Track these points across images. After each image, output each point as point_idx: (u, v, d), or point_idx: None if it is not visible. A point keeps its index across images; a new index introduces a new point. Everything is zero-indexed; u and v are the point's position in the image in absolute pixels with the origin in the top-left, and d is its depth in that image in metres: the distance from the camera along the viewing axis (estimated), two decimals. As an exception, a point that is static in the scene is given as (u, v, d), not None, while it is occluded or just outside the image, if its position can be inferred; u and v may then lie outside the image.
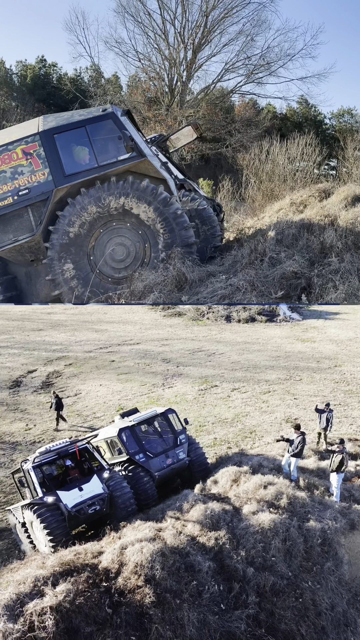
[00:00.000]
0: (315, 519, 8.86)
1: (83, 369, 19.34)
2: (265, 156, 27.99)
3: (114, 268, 13.55)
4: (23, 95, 40.88)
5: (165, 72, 36.19)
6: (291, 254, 12.33)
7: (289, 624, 7.53)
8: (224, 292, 11.68)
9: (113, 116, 13.71)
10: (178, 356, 20.98)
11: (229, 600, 7.43)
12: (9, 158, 13.25)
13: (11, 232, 13.45)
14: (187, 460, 10.88)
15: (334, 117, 45.43)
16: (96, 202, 13.47)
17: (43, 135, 13.34)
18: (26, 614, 6.31)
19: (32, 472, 9.46)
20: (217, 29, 35.11)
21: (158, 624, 6.74)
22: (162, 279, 12.37)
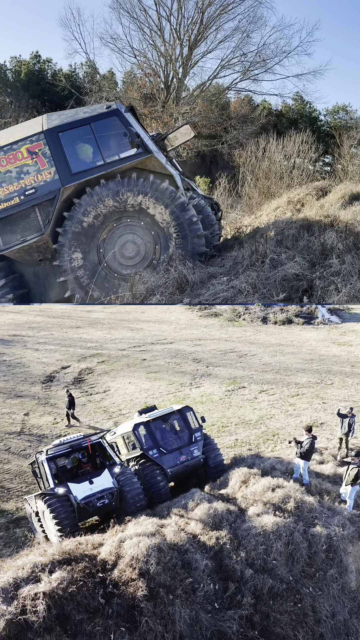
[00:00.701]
0: (322, 525, 8.70)
1: (114, 366, 19.74)
2: (261, 153, 27.67)
3: (121, 264, 13.60)
4: (17, 91, 40.60)
5: (161, 68, 36.09)
6: (292, 256, 12.17)
7: (285, 629, 7.44)
8: (226, 294, 11.66)
9: (118, 113, 13.72)
10: (209, 356, 21.00)
11: (223, 600, 7.44)
12: (14, 158, 13.37)
13: (19, 232, 13.58)
14: (201, 458, 10.91)
15: (329, 114, 44.61)
16: (114, 195, 13.53)
17: (48, 133, 13.38)
18: (20, 597, 6.60)
19: (45, 463, 9.81)
20: (213, 25, 34.86)
21: (148, 617, 6.85)
22: (163, 281, 12.46)
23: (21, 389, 17.43)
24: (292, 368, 19.53)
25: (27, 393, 17.12)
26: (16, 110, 35.00)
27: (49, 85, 42.07)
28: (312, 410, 15.70)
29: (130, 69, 39.27)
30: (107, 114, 13.69)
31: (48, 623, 6.46)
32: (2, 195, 13.41)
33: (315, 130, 37.24)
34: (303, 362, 20.24)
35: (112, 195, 13.62)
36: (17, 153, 13.40)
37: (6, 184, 13.45)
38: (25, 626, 6.38)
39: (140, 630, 6.76)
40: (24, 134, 13.62)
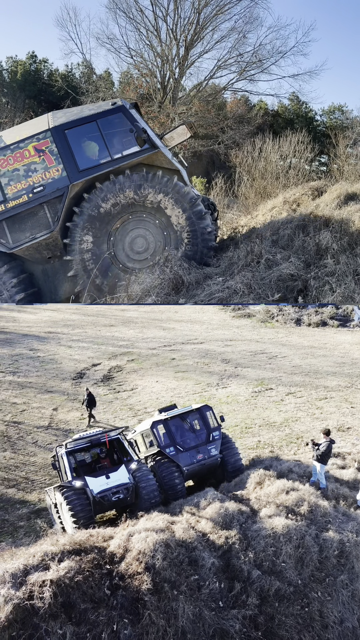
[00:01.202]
0: (335, 530, 8.58)
1: (144, 365, 20.00)
2: (257, 153, 27.30)
3: (128, 256, 13.66)
4: (13, 91, 40.74)
5: (157, 68, 35.91)
6: (287, 256, 12.01)
7: (290, 632, 7.40)
8: (221, 294, 11.61)
9: (123, 109, 13.80)
10: (238, 357, 20.95)
11: (228, 599, 7.47)
12: (21, 156, 13.54)
13: (28, 230, 13.75)
14: (218, 458, 10.94)
15: (325, 114, 44.06)
16: (136, 189, 13.63)
17: (54, 131, 13.53)
18: (28, 583, 6.86)
19: (65, 457, 10.11)
20: (209, 25, 34.60)
21: (151, 610, 6.98)
22: (159, 282, 12.50)
23: (52, 385, 17.95)
24: (322, 371, 19.22)
25: (57, 389, 17.62)
26: (12, 110, 35.43)
27: (46, 85, 42.39)
28: (340, 414, 15.42)
29: (126, 69, 39.49)
30: (113, 110, 13.80)
31: (53, 610, 6.69)
32: (11, 194, 13.63)
33: (311, 131, 37.00)
34: (334, 365, 19.89)
35: (134, 188, 13.73)
36: (24, 151, 13.56)
37: (14, 182, 13.63)
38: (31, 611, 6.63)
39: (143, 623, 6.89)
40: (31, 132, 13.81)
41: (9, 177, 13.71)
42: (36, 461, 13.09)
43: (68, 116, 14.18)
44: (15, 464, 12.99)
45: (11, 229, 13.77)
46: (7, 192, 13.72)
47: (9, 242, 13.82)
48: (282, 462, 10.92)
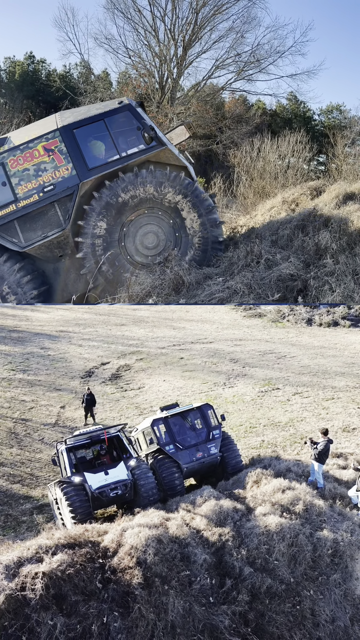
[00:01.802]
0: (329, 529, 8.58)
1: (152, 364, 20.14)
2: (256, 153, 27.16)
3: (137, 250, 13.78)
4: (11, 92, 40.85)
5: (155, 68, 35.90)
6: (287, 256, 11.98)
7: (281, 629, 7.43)
8: (222, 295, 11.64)
9: (130, 107, 13.96)
10: (247, 357, 20.95)
11: (219, 595, 7.54)
12: (30, 156, 13.76)
13: (39, 229, 13.95)
14: (218, 456, 11.00)
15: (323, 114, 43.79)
16: (157, 185, 13.78)
17: (63, 130, 13.73)
18: (21, 575, 7.03)
19: (65, 453, 10.29)
20: (207, 25, 34.48)
21: (142, 604, 7.08)
22: (159, 282, 12.56)
23: (61, 383, 18.21)
24: (330, 371, 19.11)
25: (65, 387, 17.87)
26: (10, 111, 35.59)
27: (44, 86, 42.57)
28: (346, 414, 15.33)
29: (124, 69, 39.60)
30: (120, 109, 13.99)
31: (45, 601, 6.85)
32: (22, 193, 13.85)
33: (309, 130, 36.90)
34: (343, 366, 19.75)
35: (155, 184, 13.88)
36: (34, 151, 13.78)
37: (24, 182, 13.85)
38: (23, 602, 6.80)
39: (133, 616, 7.00)
40: (39, 132, 14.04)
41: (20, 177, 13.94)
42: (42, 458, 13.32)
43: (76, 116, 14.39)
44: (21, 460, 13.24)
45: (23, 228, 14.00)
46: (18, 191, 13.95)
47: (21, 241, 14.05)
48: (281, 462, 10.94)
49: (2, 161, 13.92)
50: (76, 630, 6.76)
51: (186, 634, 7.02)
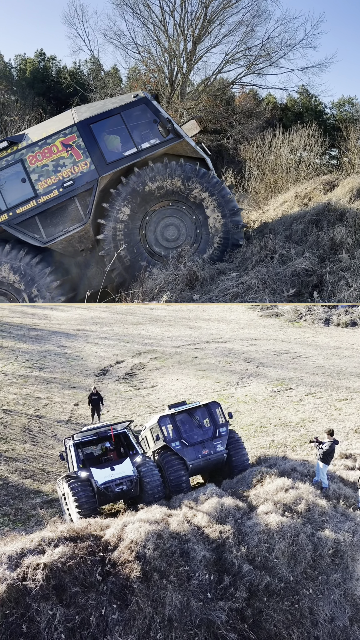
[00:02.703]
0: (331, 529, 8.57)
1: (166, 363, 20.28)
2: (267, 148, 26.78)
3: (157, 240, 13.85)
4: (22, 89, 41.02)
5: (165, 64, 35.68)
6: (301, 251, 11.88)
7: (278, 627, 7.47)
8: (236, 290, 11.63)
9: (146, 100, 14.00)
10: (262, 356, 20.90)
11: (217, 591, 7.62)
12: (49, 151, 13.89)
13: (60, 224, 14.08)
14: (224, 454, 11.05)
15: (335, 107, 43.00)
16: (184, 180, 13.84)
17: (80, 125, 13.80)
18: (23, 565, 7.25)
19: (72, 448, 10.51)
20: (216, 19, 34.20)
21: (139, 597, 7.22)
22: (173, 277, 12.61)
23: (75, 381, 18.50)
24: (346, 372, 18.93)
25: (80, 385, 18.15)
26: (22, 108, 35.92)
27: (54, 82, 42.70)
28: (359, 416, 15.19)
29: (134, 65, 39.64)
30: (136, 102, 14.04)
31: (45, 591, 7.05)
32: (42, 189, 14.03)
33: (321, 124, 36.26)
34: (359, 367, 19.53)
35: (183, 178, 13.95)
36: (52, 147, 13.92)
37: (44, 178, 14.01)
38: (24, 592, 7.01)
39: (130, 609, 7.15)
40: (57, 128, 14.17)
41: (39, 173, 14.15)
42: (53, 454, 13.59)
43: (92, 110, 14.53)
44: (34, 456, 13.54)
45: (44, 224, 14.21)
46: (38, 187, 14.17)
47: (42, 236, 14.26)
48: (287, 461, 10.94)
49: (21, 158, 14.12)
50: (75, 621, 6.94)
51: (183, 628, 7.12)
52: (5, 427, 15.06)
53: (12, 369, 19.49)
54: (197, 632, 7.17)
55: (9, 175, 14.14)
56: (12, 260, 13.86)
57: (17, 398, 16.95)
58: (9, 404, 16.55)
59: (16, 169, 14.09)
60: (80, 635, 6.86)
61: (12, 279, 13.95)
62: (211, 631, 7.22)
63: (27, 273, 13.92)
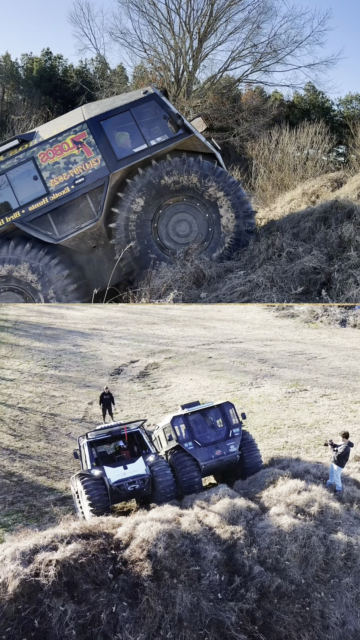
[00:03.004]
0: (344, 532, 8.51)
1: (180, 362, 20.31)
2: (274, 145, 26.48)
3: (168, 234, 13.89)
4: (29, 88, 41.16)
5: (171, 62, 35.63)
6: (309, 249, 11.77)
7: (289, 629, 7.45)
8: (243, 288, 11.59)
9: (155, 97, 14.04)
10: (276, 357, 20.80)
11: (227, 592, 7.63)
12: (60, 149, 13.97)
13: (73, 220, 14.17)
14: (237, 455, 11.03)
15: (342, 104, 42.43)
16: (201, 177, 13.87)
17: (90, 123, 13.88)
18: (36, 561, 7.34)
19: (86, 447, 10.60)
20: (222, 17, 33.97)
21: (150, 596, 7.26)
22: (180, 275, 12.61)
23: (90, 380, 18.63)
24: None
25: (94, 384, 18.27)
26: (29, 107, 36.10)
27: (61, 81, 42.87)
28: (374, 418, 15.04)
29: (140, 63, 39.69)
30: (145, 98, 14.09)
31: (57, 587, 7.13)
32: (53, 187, 14.15)
33: (328, 121, 35.67)
34: (375, 368, 19.32)
35: (200, 175, 13.97)
36: (63, 144, 14.03)
37: (56, 175, 14.12)
38: (37, 587, 7.11)
39: (141, 607, 7.19)
40: (67, 126, 14.27)
41: (50, 171, 14.28)
42: (67, 452, 13.71)
43: (102, 107, 14.62)
44: (48, 454, 13.69)
45: (56, 221, 14.34)
46: (50, 185, 14.30)
47: (55, 233, 14.39)
48: (300, 463, 10.89)
49: (33, 155, 14.26)
50: (86, 617, 7.01)
51: (192, 627, 7.14)
52: (21, 425, 15.25)
53: (28, 367, 19.72)
54: (206, 632, 7.18)
55: (20, 173, 14.28)
56: (31, 260, 14.02)
57: (33, 396, 17.14)
58: (25, 402, 16.75)
59: (28, 167, 14.23)
60: (91, 632, 6.93)
61: (30, 278, 14.10)
62: (221, 632, 7.23)
63: (45, 274, 14.05)
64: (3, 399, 17.03)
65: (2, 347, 22.17)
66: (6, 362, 20.34)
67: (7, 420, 15.62)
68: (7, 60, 45.33)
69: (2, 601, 6.95)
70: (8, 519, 10.85)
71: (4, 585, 7.06)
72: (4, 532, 10.19)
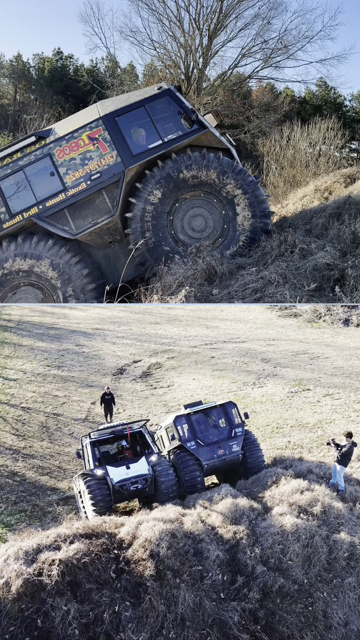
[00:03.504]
0: (347, 532, 8.50)
1: (183, 362, 20.32)
2: (285, 142, 26.43)
3: (183, 228, 13.92)
4: (41, 88, 41.42)
5: (181, 59, 35.48)
6: (322, 245, 11.69)
7: (291, 629, 7.44)
8: (256, 285, 11.53)
9: (170, 92, 14.10)
10: (279, 357, 20.78)
11: (229, 591, 7.63)
12: (76, 145, 14.10)
13: (89, 216, 14.30)
14: (240, 454, 11.02)
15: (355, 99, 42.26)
16: (220, 173, 13.88)
17: (105, 119, 14.01)
18: (39, 561, 7.36)
19: (89, 446, 10.61)
20: (232, 13, 33.85)
21: (152, 596, 7.27)
22: (191, 272, 12.58)
23: (93, 380, 18.66)
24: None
25: (97, 384, 18.30)
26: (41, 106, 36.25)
27: (72, 81, 43.03)
28: (377, 417, 15.01)
29: (150, 61, 39.59)
30: (160, 94, 14.19)
31: (60, 587, 7.15)
32: (70, 182, 14.29)
33: (340, 116, 35.64)
34: (379, 368, 19.28)
35: (219, 172, 14.00)
36: (79, 140, 14.16)
37: (72, 171, 14.25)
38: (40, 587, 7.12)
39: (143, 607, 7.20)
40: (82, 122, 14.40)
41: (67, 167, 14.43)
42: (70, 451, 13.74)
43: (117, 104, 14.75)
44: (51, 453, 13.71)
45: (73, 216, 14.47)
46: (66, 180, 14.44)
47: (72, 228, 14.53)
48: (303, 463, 10.88)
49: (49, 152, 14.42)
50: (88, 617, 7.02)
51: (195, 627, 7.15)
52: (24, 425, 15.29)
53: (31, 367, 19.77)
54: (209, 631, 7.18)
55: (38, 169, 14.47)
56: (53, 257, 14.16)
57: (36, 396, 17.18)
58: (28, 402, 16.79)
59: (45, 163, 14.42)
60: (94, 632, 6.94)
61: (51, 275, 14.25)
62: (223, 631, 7.23)
63: (66, 271, 14.19)
64: (6, 398, 17.08)
65: (5, 347, 22.24)
66: (9, 362, 20.40)
67: (10, 420, 15.66)
68: (19, 60, 45.71)
69: (6, 601, 6.97)
70: (11, 519, 10.88)
71: (7, 585, 7.08)
72: (7, 531, 10.22)
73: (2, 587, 7.07)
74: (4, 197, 14.30)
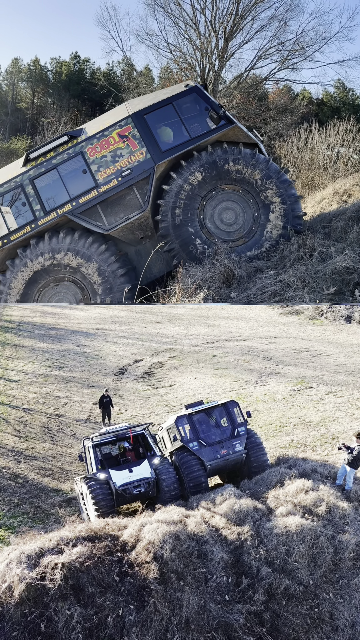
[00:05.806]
0: (352, 532, 8.42)
1: (184, 361, 20.22)
2: (303, 144, 26.32)
3: (212, 217, 14.04)
4: (59, 91, 41.77)
5: (197, 62, 35.49)
6: (341, 249, 11.61)
7: (297, 630, 7.37)
8: (274, 288, 11.51)
9: (197, 89, 14.24)
10: (281, 355, 20.66)
11: (234, 593, 7.55)
12: (107, 143, 14.33)
13: (121, 211, 14.50)
14: (243, 454, 10.93)
15: None
16: (264, 176, 14.02)
17: (134, 117, 14.20)
18: (41, 565, 7.29)
19: (91, 450, 10.54)
20: (248, 15, 33.67)
21: (157, 599, 7.20)
22: (209, 275, 12.55)
23: (94, 380, 18.58)
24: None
25: (99, 384, 18.21)
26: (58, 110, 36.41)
27: (89, 84, 43.34)
28: (381, 415, 14.91)
29: (166, 64, 39.73)
30: (187, 92, 14.42)
31: (63, 591, 7.08)
32: (101, 179, 14.48)
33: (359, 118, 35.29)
34: (381, 365, 19.17)
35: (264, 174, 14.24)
36: (109, 138, 14.43)
37: (103, 168, 14.47)
38: (43, 591, 7.05)
39: (148, 610, 7.13)
40: (112, 121, 14.64)
41: (98, 164, 14.59)
42: (72, 453, 13.67)
43: (145, 102, 14.96)
44: (53, 455, 13.65)
45: (105, 212, 14.64)
46: (98, 177, 14.59)
47: (104, 224, 14.72)
48: (307, 462, 10.79)
49: (81, 150, 14.60)
50: (92, 621, 6.95)
51: (200, 630, 7.08)
52: (25, 426, 15.22)
53: (33, 368, 19.69)
54: (214, 634, 7.11)
55: (70, 167, 14.68)
56: (102, 262, 14.35)
57: (37, 397, 17.11)
58: (29, 403, 16.72)
59: (77, 161, 14.70)
60: (98, 636, 6.88)
61: (95, 279, 14.44)
62: (229, 634, 7.16)
63: (109, 281, 14.40)
64: (8, 400, 17.01)
65: (7, 348, 22.16)
66: (11, 363, 20.33)
67: (12, 421, 15.59)
68: (36, 64, 46.16)
69: (8, 605, 6.90)
70: (14, 521, 10.82)
71: (10, 590, 7.02)
72: (10, 534, 10.16)
73: (5, 592, 7.00)
74: (39, 194, 14.55)
